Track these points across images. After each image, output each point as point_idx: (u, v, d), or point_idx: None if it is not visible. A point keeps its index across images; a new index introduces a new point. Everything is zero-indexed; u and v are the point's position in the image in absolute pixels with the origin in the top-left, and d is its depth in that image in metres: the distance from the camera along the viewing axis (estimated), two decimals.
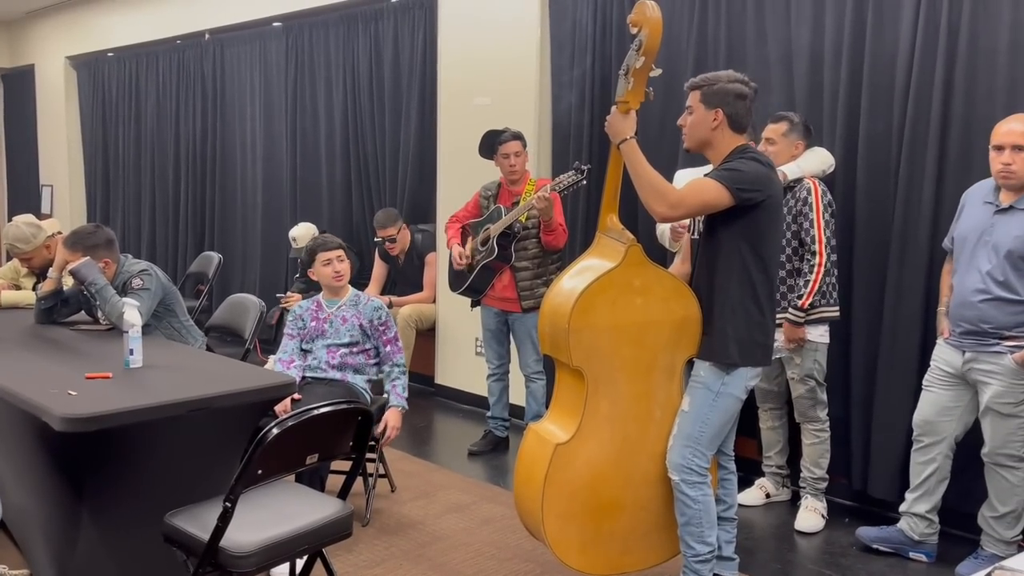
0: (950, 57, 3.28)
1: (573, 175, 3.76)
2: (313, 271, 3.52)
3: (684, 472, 2.59)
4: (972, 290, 2.91)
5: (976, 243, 2.93)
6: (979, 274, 2.90)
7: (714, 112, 2.52)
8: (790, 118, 3.43)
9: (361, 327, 3.47)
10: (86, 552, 2.58)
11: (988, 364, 2.89)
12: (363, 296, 3.57)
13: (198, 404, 2.53)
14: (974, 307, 2.91)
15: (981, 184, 3.02)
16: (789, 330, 3.31)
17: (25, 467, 2.78)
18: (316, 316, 3.51)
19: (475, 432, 4.61)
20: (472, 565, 3.12)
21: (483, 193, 4.23)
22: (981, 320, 2.89)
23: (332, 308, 3.51)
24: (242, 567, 2.14)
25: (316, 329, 3.50)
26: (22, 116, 9.49)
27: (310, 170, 6.36)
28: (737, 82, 2.54)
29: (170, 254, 7.73)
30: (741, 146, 2.56)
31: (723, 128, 2.53)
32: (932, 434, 3.07)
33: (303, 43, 6.29)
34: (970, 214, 3.00)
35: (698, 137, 2.57)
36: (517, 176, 4.09)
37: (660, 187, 2.49)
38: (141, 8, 7.62)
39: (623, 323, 2.58)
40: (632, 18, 2.52)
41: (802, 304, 3.28)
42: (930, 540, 3.16)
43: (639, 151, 2.53)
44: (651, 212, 2.51)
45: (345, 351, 3.46)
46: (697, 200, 2.46)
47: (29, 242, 3.92)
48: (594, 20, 4.47)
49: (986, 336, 2.89)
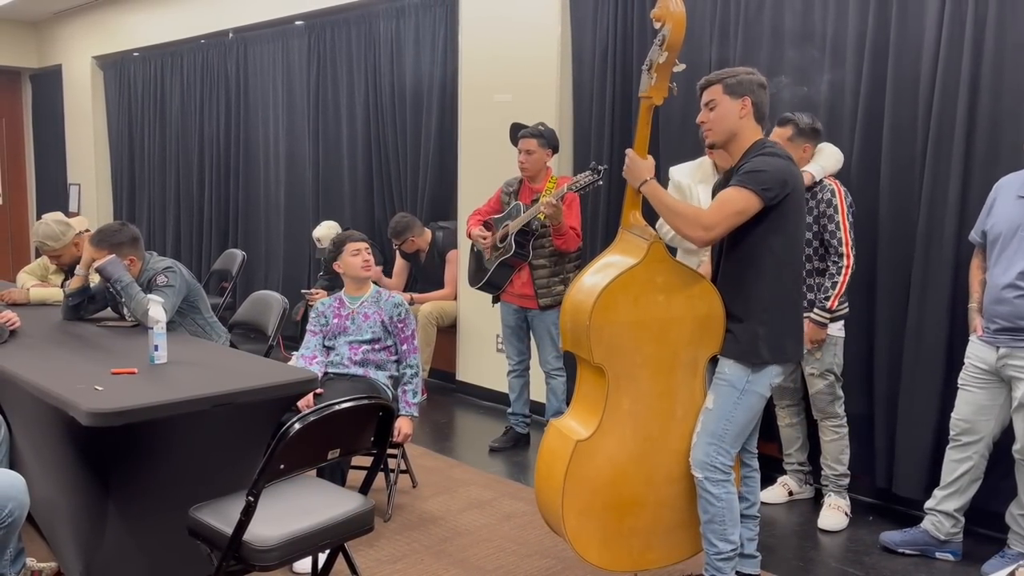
0: (977, 50, 3.23)
1: (589, 175, 3.76)
2: (340, 263, 3.51)
3: (708, 470, 2.58)
4: (1006, 285, 2.86)
5: (1011, 238, 2.87)
6: (1016, 270, 2.84)
7: (741, 101, 2.52)
8: (795, 122, 3.34)
9: (383, 323, 3.49)
10: (112, 545, 2.61)
11: (1023, 360, 2.85)
12: (384, 292, 3.58)
13: (221, 399, 2.55)
14: (1009, 303, 2.85)
15: (1013, 176, 2.96)
16: (813, 331, 3.27)
17: (52, 461, 2.82)
18: (338, 313, 3.53)
19: (496, 428, 4.62)
20: (493, 560, 3.13)
21: (504, 189, 4.24)
22: (1016, 316, 2.84)
23: (354, 304, 3.52)
24: (264, 561, 2.16)
25: (339, 326, 3.51)
26: (50, 116, 9.62)
27: (332, 167, 6.40)
28: (755, 74, 2.56)
29: (194, 251, 7.81)
30: (759, 141, 2.55)
31: (749, 118, 2.54)
32: (971, 433, 3.01)
33: (325, 41, 6.33)
34: (1003, 207, 2.94)
35: (726, 129, 2.55)
36: (527, 173, 4.09)
37: (690, 215, 2.53)
38: (166, 8, 7.69)
39: (645, 320, 2.57)
40: (655, 12, 2.51)
41: (830, 306, 3.25)
42: (955, 539, 3.13)
43: (660, 188, 2.58)
44: (690, 240, 2.54)
45: (367, 347, 3.47)
46: (729, 213, 2.46)
47: (58, 239, 3.97)
48: (616, 14, 4.45)
49: (1021, 332, 2.84)
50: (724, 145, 2.60)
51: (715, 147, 2.67)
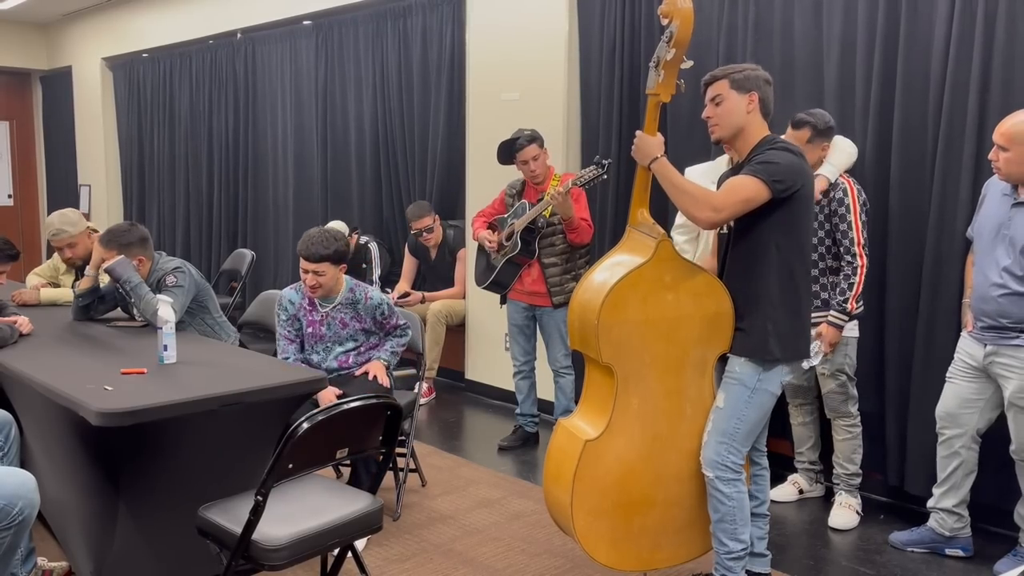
0: (987, 46, 3.20)
1: (594, 169, 3.75)
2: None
3: (719, 469, 2.57)
4: (991, 284, 2.86)
5: (994, 236, 2.87)
6: (997, 268, 2.84)
7: (749, 96, 2.52)
8: (812, 123, 3.24)
9: (364, 330, 3.41)
10: (123, 544, 2.62)
11: (1008, 358, 2.85)
12: (359, 292, 3.37)
13: (230, 399, 2.56)
14: (993, 301, 2.85)
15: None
16: (832, 334, 3.25)
17: (63, 461, 2.84)
18: (311, 319, 3.38)
19: (505, 427, 4.61)
20: (502, 560, 3.13)
21: (508, 191, 4.24)
22: (1000, 315, 2.84)
23: (327, 307, 3.37)
24: (273, 560, 2.16)
25: (314, 335, 3.38)
26: (60, 117, 9.67)
27: (340, 166, 6.41)
28: (759, 69, 2.57)
29: (204, 251, 7.83)
30: (769, 136, 2.55)
31: (756, 113, 2.54)
32: (953, 426, 3.03)
33: (333, 41, 6.34)
34: (989, 206, 2.94)
35: (733, 124, 2.55)
36: (540, 179, 4.09)
37: (699, 195, 2.51)
38: (174, 9, 7.71)
39: (654, 319, 2.56)
40: (662, 9, 2.50)
41: (851, 308, 3.22)
42: (962, 534, 3.12)
43: (670, 167, 2.56)
44: (696, 221, 2.53)
45: (354, 353, 3.42)
46: (737, 199, 2.45)
47: (75, 225, 4.00)
48: (623, 12, 4.44)
49: (1006, 331, 2.84)
50: (730, 140, 2.59)
51: (721, 143, 2.66)
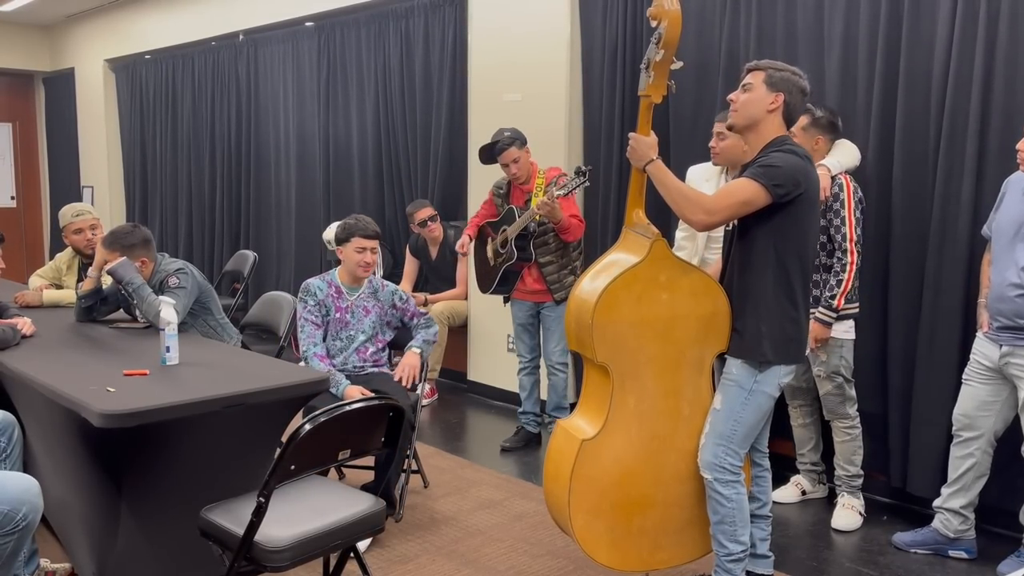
0: (989, 45, 3.20)
1: (576, 179, 3.80)
2: (342, 250, 3.44)
3: (717, 471, 2.57)
4: (1008, 284, 2.84)
5: (1014, 236, 2.85)
6: (1015, 268, 2.82)
7: (775, 95, 2.49)
8: (812, 111, 3.29)
9: (382, 318, 3.53)
10: (125, 545, 2.63)
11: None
12: (376, 281, 3.57)
13: (233, 400, 2.56)
14: (1010, 302, 2.84)
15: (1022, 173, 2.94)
16: (818, 330, 3.25)
17: (65, 462, 2.84)
18: (338, 305, 3.49)
19: (507, 428, 4.62)
20: (505, 561, 3.13)
21: (495, 192, 4.27)
22: (1017, 315, 2.82)
23: (353, 297, 3.51)
24: (276, 562, 2.16)
25: (340, 320, 3.49)
26: (63, 118, 9.69)
27: (342, 167, 6.42)
28: (802, 79, 2.53)
29: (206, 252, 7.84)
30: (780, 137, 2.52)
31: (777, 114, 2.51)
32: (971, 429, 3.01)
33: (335, 42, 6.34)
34: (1010, 204, 2.92)
35: (750, 115, 2.52)
36: (523, 179, 4.11)
37: (693, 197, 2.50)
38: (177, 11, 7.73)
39: (649, 318, 2.56)
40: (651, 11, 2.50)
41: (837, 305, 3.22)
42: (966, 536, 3.11)
43: (665, 168, 2.55)
44: (690, 223, 2.51)
45: (372, 349, 3.52)
46: (733, 201, 2.44)
47: (91, 210, 4.07)
48: (625, 13, 4.44)
49: (1022, 331, 2.82)
50: (742, 131, 2.57)
51: (734, 129, 2.62)
